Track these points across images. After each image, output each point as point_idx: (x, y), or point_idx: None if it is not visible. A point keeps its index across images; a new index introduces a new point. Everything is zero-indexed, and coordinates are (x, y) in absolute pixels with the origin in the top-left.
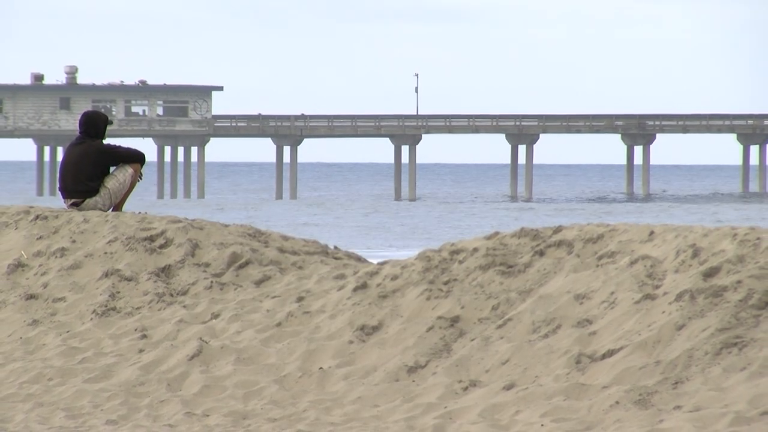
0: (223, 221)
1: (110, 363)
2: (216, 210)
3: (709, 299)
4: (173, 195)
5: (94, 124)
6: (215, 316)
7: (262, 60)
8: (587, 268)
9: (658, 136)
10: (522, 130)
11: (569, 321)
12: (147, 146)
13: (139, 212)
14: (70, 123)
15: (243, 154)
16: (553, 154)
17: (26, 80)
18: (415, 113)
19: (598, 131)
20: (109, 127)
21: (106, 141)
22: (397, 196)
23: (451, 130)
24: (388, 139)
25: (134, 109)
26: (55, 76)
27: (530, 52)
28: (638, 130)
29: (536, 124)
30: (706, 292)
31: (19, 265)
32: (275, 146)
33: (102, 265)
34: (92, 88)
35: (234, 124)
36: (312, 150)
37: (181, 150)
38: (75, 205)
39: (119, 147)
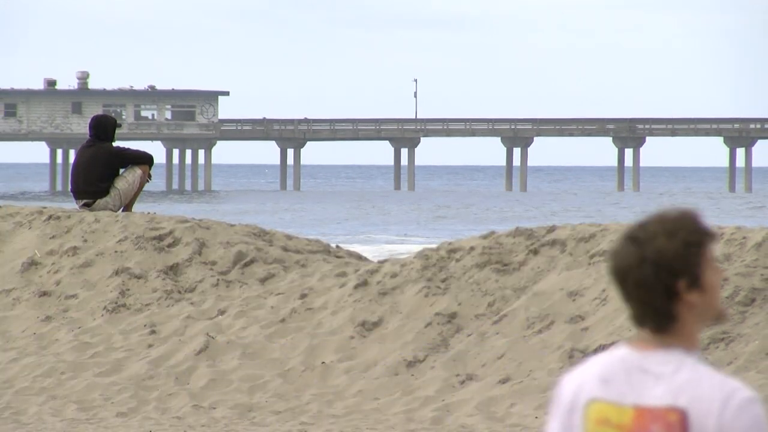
0: (229, 221)
1: (120, 357)
2: (221, 209)
3: None
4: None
5: (104, 128)
6: (221, 312)
7: (267, 66)
8: (580, 266)
9: (648, 139)
10: (517, 134)
11: (562, 317)
12: (156, 149)
13: (148, 212)
14: (82, 127)
15: (248, 156)
16: (547, 156)
17: (39, 85)
18: (414, 117)
19: (590, 134)
20: (118, 131)
21: (116, 144)
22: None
23: (448, 133)
24: (388, 142)
25: (144, 113)
26: (67, 82)
27: (525, 58)
28: (629, 133)
29: (530, 127)
30: None
31: (32, 264)
32: (279, 149)
33: (112, 263)
34: (103, 93)
35: (240, 128)
36: (314, 153)
37: (188, 153)
38: (86, 205)
39: (128, 149)
